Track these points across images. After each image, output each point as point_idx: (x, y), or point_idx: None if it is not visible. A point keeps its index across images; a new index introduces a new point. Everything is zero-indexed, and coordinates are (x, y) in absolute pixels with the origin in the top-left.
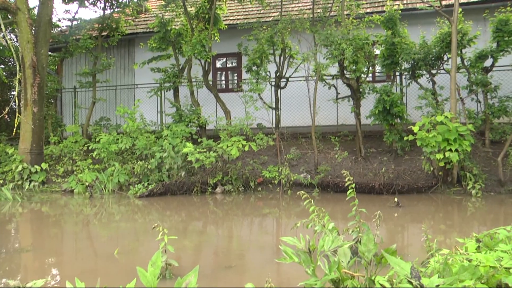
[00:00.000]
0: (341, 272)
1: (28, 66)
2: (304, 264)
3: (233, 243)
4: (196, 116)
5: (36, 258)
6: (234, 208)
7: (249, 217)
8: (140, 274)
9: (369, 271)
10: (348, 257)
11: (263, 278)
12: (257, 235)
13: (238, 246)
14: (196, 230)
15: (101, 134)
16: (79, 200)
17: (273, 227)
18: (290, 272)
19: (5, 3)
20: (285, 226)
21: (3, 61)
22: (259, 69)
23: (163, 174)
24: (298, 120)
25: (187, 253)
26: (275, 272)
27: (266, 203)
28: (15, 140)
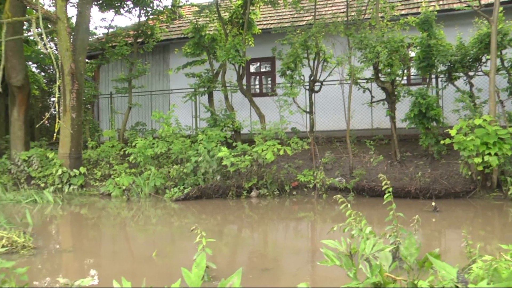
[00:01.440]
0: (383, 275)
1: (67, 73)
2: (346, 267)
3: (268, 246)
4: (231, 120)
5: (78, 259)
6: (269, 212)
7: (284, 221)
8: (185, 275)
9: (411, 275)
10: (390, 261)
11: (299, 280)
12: (293, 238)
13: (273, 249)
14: (232, 233)
15: (137, 139)
16: (116, 203)
17: (308, 231)
18: (326, 275)
19: (46, 13)
20: (320, 230)
21: (44, 69)
22: (293, 73)
23: (199, 178)
24: (332, 124)
25: (223, 256)
26: (311, 275)
27: (301, 207)
28: (55, 145)
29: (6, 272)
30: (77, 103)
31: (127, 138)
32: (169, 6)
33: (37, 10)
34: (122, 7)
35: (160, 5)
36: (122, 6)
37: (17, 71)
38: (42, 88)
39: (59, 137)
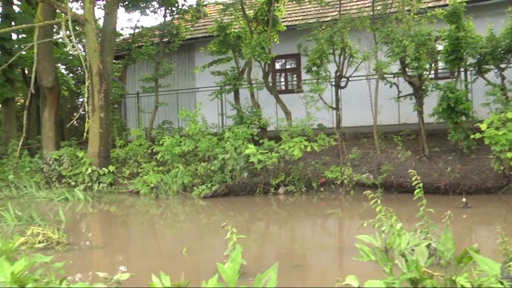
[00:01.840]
0: (419, 271)
1: (95, 74)
2: (381, 262)
3: (297, 243)
4: (257, 117)
5: (110, 255)
6: (297, 208)
7: (312, 217)
8: (221, 270)
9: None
10: (426, 256)
11: (331, 277)
12: (321, 235)
13: (303, 246)
14: (260, 230)
15: (164, 137)
16: (145, 201)
17: (337, 228)
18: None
19: (75, 15)
20: (349, 227)
21: (72, 70)
22: (319, 69)
23: (226, 175)
24: (359, 120)
25: (252, 252)
26: (342, 271)
27: (329, 204)
28: (84, 144)
29: (45, 266)
30: (105, 103)
31: (154, 137)
32: (194, 5)
33: (66, 13)
34: (148, 8)
35: (185, 4)
36: (147, 6)
37: (48, 73)
38: (71, 89)
39: (88, 137)
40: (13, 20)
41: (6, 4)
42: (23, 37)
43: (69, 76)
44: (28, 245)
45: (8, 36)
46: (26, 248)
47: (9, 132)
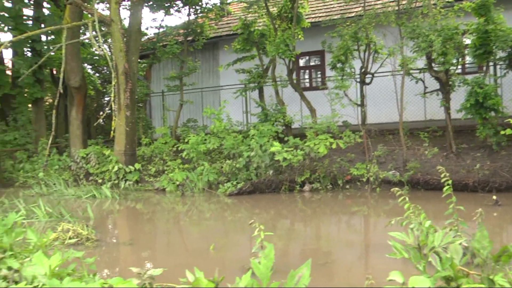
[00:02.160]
0: (454, 269)
1: (121, 73)
2: (414, 260)
3: (324, 240)
4: (282, 115)
5: (139, 251)
6: (323, 206)
7: (337, 215)
8: (254, 266)
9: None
10: (461, 254)
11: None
12: (347, 233)
13: (329, 243)
14: (286, 227)
15: (189, 135)
16: (170, 198)
17: (363, 225)
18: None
19: (101, 16)
20: (375, 224)
21: (98, 70)
22: (344, 66)
23: (251, 172)
24: (384, 116)
25: (278, 249)
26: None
27: (354, 201)
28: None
29: (77, 261)
30: (131, 101)
31: (180, 135)
32: (217, 4)
33: (93, 14)
34: (172, 7)
35: (209, 3)
36: (171, 6)
37: (75, 73)
38: (97, 88)
39: (115, 135)
40: (42, 22)
41: (37, 7)
42: (52, 39)
43: (95, 75)
44: (60, 240)
45: (38, 38)
46: (58, 243)
47: (38, 131)
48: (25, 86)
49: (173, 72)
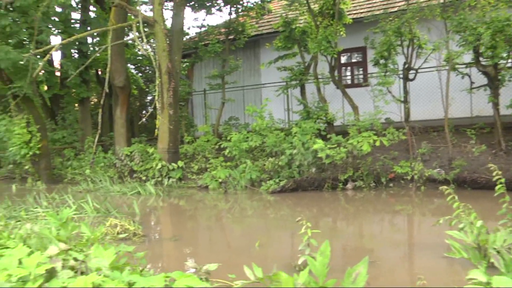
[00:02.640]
0: None
1: (164, 73)
2: (474, 260)
3: (369, 239)
4: (324, 112)
5: (186, 247)
6: (366, 204)
7: (381, 213)
8: (310, 264)
9: None
10: None
11: (407, 273)
12: (392, 231)
13: (374, 242)
14: (329, 226)
15: (231, 133)
16: (213, 196)
17: (407, 224)
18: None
19: (145, 17)
20: (420, 223)
21: (141, 70)
22: (387, 62)
23: (294, 170)
24: (428, 113)
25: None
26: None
27: (398, 200)
28: (153, 141)
29: (127, 255)
30: (174, 100)
31: (221, 133)
32: (258, 2)
33: (137, 15)
34: (213, 6)
35: (250, 1)
36: (213, 5)
37: (120, 73)
38: (140, 88)
39: (158, 133)
40: (89, 25)
41: (83, 11)
42: (97, 41)
43: (138, 75)
44: (110, 235)
45: (84, 40)
46: (109, 238)
47: (85, 129)
48: (72, 86)
49: (215, 70)
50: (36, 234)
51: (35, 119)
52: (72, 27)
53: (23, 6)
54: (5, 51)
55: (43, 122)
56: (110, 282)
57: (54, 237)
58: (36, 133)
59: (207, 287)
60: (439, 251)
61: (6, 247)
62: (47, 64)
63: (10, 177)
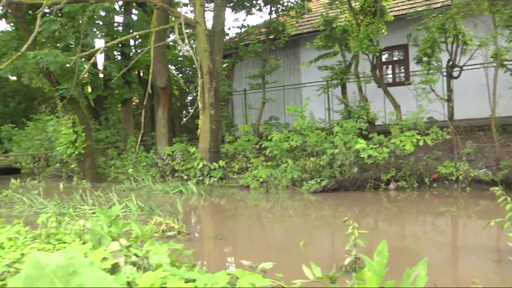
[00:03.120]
0: None
1: (205, 73)
2: None
3: (414, 241)
4: (365, 111)
5: (231, 246)
6: (409, 205)
7: (425, 214)
8: (368, 264)
9: None
10: None
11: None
12: (437, 233)
13: (419, 244)
14: (372, 226)
15: (272, 133)
16: (255, 195)
17: (453, 226)
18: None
19: (187, 19)
20: (464, 226)
21: (181, 71)
22: (430, 60)
23: (335, 170)
24: (472, 112)
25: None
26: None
27: (442, 201)
28: (194, 141)
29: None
30: (215, 100)
31: (262, 132)
32: (298, 1)
33: (179, 17)
34: (254, 6)
35: (290, 1)
36: (253, 5)
37: (161, 74)
38: (180, 88)
39: (199, 133)
40: (131, 28)
41: (126, 14)
42: (139, 43)
43: (179, 76)
44: (158, 233)
45: (127, 42)
46: (158, 235)
47: (127, 129)
48: (115, 87)
49: (255, 70)
50: (88, 230)
51: (81, 120)
52: (115, 30)
53: (71, 12)
54: (54, 55)
55: (88, 122)
56: (171, 278)
57: (106, 233)
58: (82, 133)
59: (273, 286)
60: (489, 254)
61: (64, 242)
62: (92, 67)
63: (57, 176)
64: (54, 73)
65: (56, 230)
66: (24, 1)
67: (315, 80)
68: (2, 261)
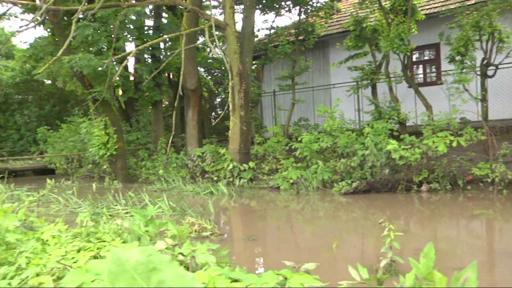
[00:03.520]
0: None
1: (235, 74)
2: None
3: (448, 244)
4: (396, 112)
5: (264, 246)
6: (441, 207)
7: (459, 217)
8: (414, 266)
9: None
10: None
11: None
12: (473, 237)
13: (455, 247)
14: (404, 228)
15: (302, 134)
16: (285, 196)
17: (489, 230)
18: None
19: (217, 21)
20: (501, 229)
21: (210, 72)
22: (463, 58)
23: (366, 171)
24: (508, 112)
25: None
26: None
27: (477, 204)
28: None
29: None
30: (245, 101)
31: (291, 134)
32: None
33: (209, 20)
34: (283, 8)
35: (319, 1)
36: (282, 7)
37: (192, 76)
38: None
39: (229, 134)
40: (162, 31)
41: (156, 17)
42: (169, 45)
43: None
44: (194, 233)
45: (157, 45)
46: (194, 235)
47: (157, 131)
48: (146, 90)
49: (285, 71)
50: (125, 229)
51: (112, 122)
52: (146, 33)
53: (103, 16)
54: (88, 59)
55: (119, 124)
56: (219, 277)
57: (143, 233)
58: (113, 134)
59: (323, 286)
60: None
61: (103, 240)
62: (123, 69)
63: (89, 176)
64: (87, 76)
65: (95, 229)
66: (61, 7)
67: (345, 81)
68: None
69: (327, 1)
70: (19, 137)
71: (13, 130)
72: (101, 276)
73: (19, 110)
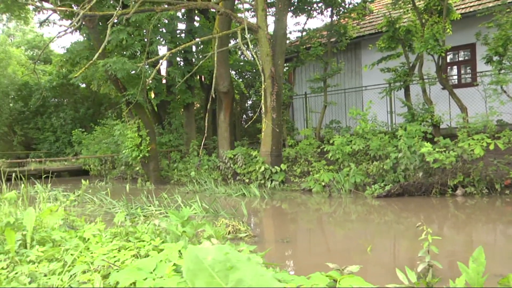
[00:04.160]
0: None
1: (267, 77)
2: None
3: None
4: (430, 114)
5: (300, 248)
6: (477, 212)
7: (496, 222)
8: (463, 271)
9: None
10: None
11: None
12: (510, 243)
13: (494, 253)
14: (437, 233)
15: (334, 136)
16: (317, 199)
17: None
18: None
19: (249, 24)
20: None
21: (241, 75)
22: (502, 59)
23: (399, 174)
24: None
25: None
26: None
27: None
28: (254, 144)
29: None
30: (276, 104)
31: (323, 136)
32: (360, 2)
33: (241, 22)
34: (315, 10)
35: (352, 3)
36: (314, 9)
37: (224, 79)
38: (241, 93)
39: (261, 136)
40: (194, 34)
41: (189, 21)
42: (201, 48)
43: (239, 80)
44: (231, 234)
45: (189, 49)
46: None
47: (189, 133)
48: (178, 92)
49: (317, 74)
50: (163, 229)
51: (145, 124)
52: (178, 37)
53: (137, 21)
54: (122, 62)
55: (152, 126)
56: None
57: (181, 233)
58: (146, 137)
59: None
60: None
61: (142, 240)
62: (156, 73)
63: (122, 177)
64: (121, 79)
65: (134, 229)
66: (97, 13)
67: (377, 83)
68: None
69: (359, 2)
70: (55, 139)
71: (50, 132)
72: (152, 275)
73: (55, 113)
